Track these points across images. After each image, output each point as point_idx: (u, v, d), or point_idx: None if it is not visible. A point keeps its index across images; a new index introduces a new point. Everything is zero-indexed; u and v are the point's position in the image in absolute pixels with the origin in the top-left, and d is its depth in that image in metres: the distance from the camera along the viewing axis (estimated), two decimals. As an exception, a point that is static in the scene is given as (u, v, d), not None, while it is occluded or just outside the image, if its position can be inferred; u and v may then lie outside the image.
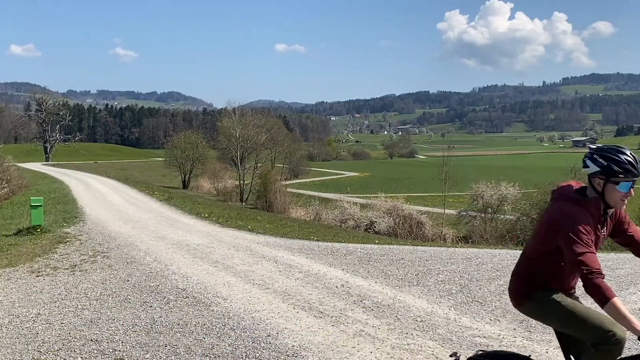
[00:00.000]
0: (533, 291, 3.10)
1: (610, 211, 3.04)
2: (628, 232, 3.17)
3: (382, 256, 9.85)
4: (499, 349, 4.54)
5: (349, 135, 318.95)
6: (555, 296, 3.04)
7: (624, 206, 3.03)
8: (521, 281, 3.16)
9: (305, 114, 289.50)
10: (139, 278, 7.98)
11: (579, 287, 2.94)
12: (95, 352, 5.05)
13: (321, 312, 6.19)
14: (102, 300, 6.82)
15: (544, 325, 5.72)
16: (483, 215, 27.17)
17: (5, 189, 23.25)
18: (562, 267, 3.00)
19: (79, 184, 29.76)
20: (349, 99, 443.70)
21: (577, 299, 3.14)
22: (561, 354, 3.17)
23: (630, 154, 2.93)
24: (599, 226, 2.98)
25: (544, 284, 3.08)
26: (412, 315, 6.10)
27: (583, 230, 2.82)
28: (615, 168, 2.88)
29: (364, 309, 6.31)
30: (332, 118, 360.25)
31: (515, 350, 4.97)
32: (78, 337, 5.45)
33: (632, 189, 2.95)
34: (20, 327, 5.79)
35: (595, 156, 2.94)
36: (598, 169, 2.91)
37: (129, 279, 7.95)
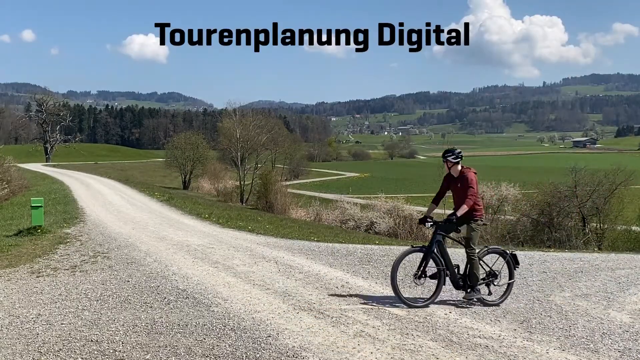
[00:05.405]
0: None
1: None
2: None
3: (383, 257, 9.85)
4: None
5: (349, 135, 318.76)
6: None
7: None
8: None
9: (306, 115, 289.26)
10: (140, 279, 7.98)
11: None
12: (95, 352, 5.05)
13: (321, 313, 6.19)
14: (102, 300, 6.81)
15: (544, 325, 5.75)
16: (483, 215, 27.16)
17: (6, 190, 23.25)
18: None
19: (79, 185, 29.77)
20: (349, 99, 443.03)
21: None
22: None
23: None
24: None
25: None
26: (412, 315, 6.10)
27: None
28: None
29: (364, 310, 6.31)
30: (332, 118, 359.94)
31: (515, 350, 4.97)
32: (78, 337, 5.45)
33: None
34: (21, 327, 5.79)
35: None
36: None
37: (130, 279, 7.95)
